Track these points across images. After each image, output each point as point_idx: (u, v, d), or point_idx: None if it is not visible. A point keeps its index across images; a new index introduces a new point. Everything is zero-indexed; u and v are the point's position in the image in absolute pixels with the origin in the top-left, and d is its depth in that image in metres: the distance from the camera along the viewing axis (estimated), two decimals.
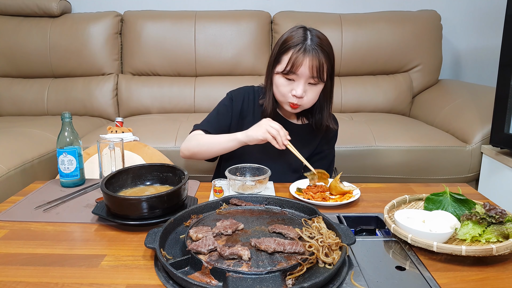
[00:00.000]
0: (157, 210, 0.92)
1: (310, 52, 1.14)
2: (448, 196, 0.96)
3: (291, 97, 1.19)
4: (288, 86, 1.19)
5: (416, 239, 0.81)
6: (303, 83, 1.17)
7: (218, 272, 0.69)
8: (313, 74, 1.15)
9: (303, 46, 1.15)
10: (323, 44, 1.17)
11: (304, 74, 1.16)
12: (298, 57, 1.14)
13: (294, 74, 1.16)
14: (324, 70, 1.17)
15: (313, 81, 1.18)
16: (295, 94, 1.18)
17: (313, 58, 1.14)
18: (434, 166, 1.81)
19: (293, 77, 1.17)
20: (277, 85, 1.22)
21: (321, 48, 1.16)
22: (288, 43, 1.18)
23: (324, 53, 1.16)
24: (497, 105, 1.66)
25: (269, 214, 0.94)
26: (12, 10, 2.38)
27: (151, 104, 2.36)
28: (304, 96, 1.19)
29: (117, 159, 1.16)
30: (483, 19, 2.61)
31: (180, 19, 2.38)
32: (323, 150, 1.36)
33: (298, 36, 1.17)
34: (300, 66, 1.15)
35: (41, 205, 1.05)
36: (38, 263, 0.79)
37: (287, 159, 1.32)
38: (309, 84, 1.18)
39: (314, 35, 1.18)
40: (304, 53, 1.14)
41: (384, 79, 2.41)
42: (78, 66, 2.38)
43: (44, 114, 2.38)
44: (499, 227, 0.82)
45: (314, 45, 1.15)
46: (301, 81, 1.17)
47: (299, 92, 1.17)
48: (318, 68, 1.15)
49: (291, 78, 1.18)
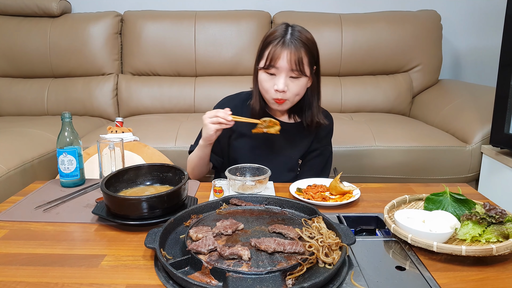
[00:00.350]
0: (157, 210, 0.92)
1: (288, 45, 1.16)
2: (448, 196, 0.96)
3: (274, 92, 1.20)
4: (271, 81, 1.20)
5: (416, 239, 0.81)
6: (284, 77, 1.18)
7: (218, 272, 0.69)
8: (292, 67, 1.16)
9: (281, 39, 1.17)
10: (302, 38, 1.18)
11: (284, 67, 1.17)
12: (277, 50, 1.16)
13: (274, 68, 1.18)
14: (304, 63, 1.18)
15: (294, 74, 1.18)
16: (277, 89, 1.19)
17: (291, 51, 1.15)
18: (434, 166, 1.81)
19: (273, 71, 1.19)
20: (261, 82, 1.23)
21: (300, 41, 1.17)
22: (269, 38, 1.20)
23: (304, 46, 1.17)
24: (497, 105, 1.66)
25: (269, 214, 0.94)
26: (12, 10, 2.38)
27: (151, 104, 2.36)
28: (287, 90, 1.19)
29: (117, 159, 1.16)
30: (483, 19, 2.61)
31: (180, 19, 2.38)
32: (318, 147, 1.35)
33: (279, 31, 1.19)
34: (278, 59, 1.16)
35: (41, 205, 1.05)
36: (38, 263, 0.79)
37: (281, 158, 1.33)
38: (291, 78, 1.19)
39: (296, 30, 1.19)
40: (282, 46, 1.16)
41: (384, 79, 2.41)
42: (78, 66, 2.38)
43: (44, 114, 2.38)
44: (499, 227, 0.82)
45: (293, 38, 1.17)
46: (282, 74, 1.18)
47: (281, 86, 1.18)
48: (297, 61, 1.16)
49: (272, 73, 1.19)
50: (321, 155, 1.37)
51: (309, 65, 1.20)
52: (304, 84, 1.22)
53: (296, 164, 1.35)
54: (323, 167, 1.37)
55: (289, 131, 1.32)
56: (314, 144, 1.35)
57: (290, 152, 1.34)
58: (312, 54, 1.20)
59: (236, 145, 1.35)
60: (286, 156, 1.33)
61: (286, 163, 1.33)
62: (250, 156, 1.30)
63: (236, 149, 1.35)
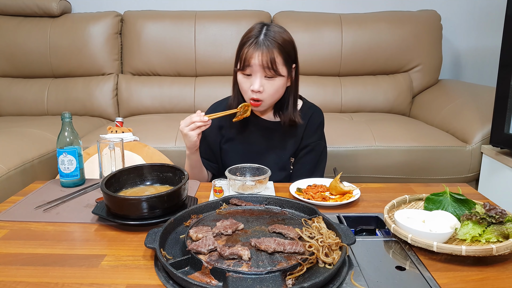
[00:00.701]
0: (157, 210, 0.92)
1: (261, 45, 1.16)
2: (448, 196, 0.96)
3: (251, 93, 1.21)
4: (247, 82, 1.21)
5: (416, 239, 0.81)
6: (259, 77, 1.19)
7: (218, 272, 0.69)
8: (264, 66, 1.16)
9: (255, 40, 1.17)
10: (276, 37, 1.18)
11: (257, 67, 1.17)
12: (249, 51, 1.17)
13: (249, 68, 1.18)
14: (278, 63, 1.17)
15: (268, 75, 1.18)
16: (252, 89, 1.19)
17: (263, 51, 1.16)
18: (434, 166, 1.81)
19: (249, 71, 1.19)
20: (239, 83, 1.24)
21: (274, 41, 1.17)
22: (244, 39, 1.20)
23: (277, 46, 1.17)
24: (497, 105, 1.66)
25: (269, 214, 0.94)
26: (12, 10, 2.38)
27: (151, 104, 2.36)
28: (263, 90, 1.20)
29: (117, 159, 1.16)
30: (483, 19, 2.60)
31: (180, 19, 2.38)
32: (309, 143, 1.34)
33: (254, 31, 1.19)
34: (252, 60, 1.17)
35: (41, 205, 1.05)
36: (38, 263, 0.79)
37: (271, 158, 1.33)
38: (267, 78, 1.19)
39: (270, 30, 1.19)
40: (255, 47, 1.16)
41: (384, 79, 2.41)
42: (78, 66, 2.38)
43: (44, 114, 2.38)
44: (499, 227, 0.82)
45: (267, 39, 1.17)
46: (257, 75, 1.19)
47: (256, 86, 1.19)
48: (270, 61, 1.16)
49: (248, 74, 1.20)
50: (312, 151, 1.35)
51: (285, 64, 1.20)
52: (281, 84, 1.22)
53: (288, 162, 1.35)
54: (316, 163, 1.36)
55: (276, 130, 1.32)
56: (305, 140, 1.34)
57: (280, 151, 1.34)
58: (287, 53, 1.20)
59: (225, 150, 1.36)
60: (276, 155, 1.33)
61: (277, 163, 1.33)
62: (240, 159, 1.30)
63: (226, 154, 1.36)
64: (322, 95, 2.35)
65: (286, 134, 1.33)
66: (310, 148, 1.34)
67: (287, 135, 1.33)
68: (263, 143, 1.34)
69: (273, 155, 1.33)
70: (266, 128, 1.33)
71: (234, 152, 1.35)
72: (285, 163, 1.34)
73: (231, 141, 1.36)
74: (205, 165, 1.38)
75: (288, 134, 1.33)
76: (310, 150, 1.34)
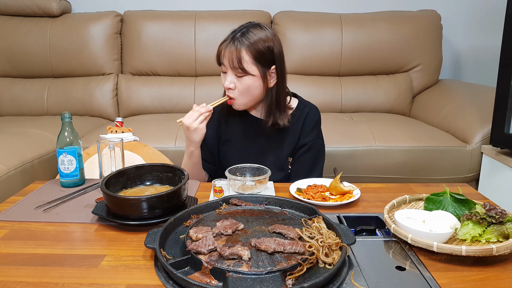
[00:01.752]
0: (157, 210, 0.92)
1: (231, 44, 1.19)
2: (448, 196, 0.95)
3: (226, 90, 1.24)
4: (223, 78, 1.25)
5: (416, 239, 0.81)
6: (229, 74, 1.22)
7: (218, 272, 0.69)
8: (231, 65, 1.19)
9: (229, 39, 1.20)
10: (250, 37, 1.19)
11: (227, 65, 1.20)
12: (221, 49, 1.21)
13: (223, 66, 1.22)
14: (246, 62, 1.18)
15: (237, 73, 1.20)
16: (223, 85, 1.23)
17: (231, 50, 1.18)
18: (434, 166, 1.81)
19: (223, 68, 1.23)
20: (221, 77, 1.27)
21: (245, 40, 1.18)
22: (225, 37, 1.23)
23: (247, 45, 1.18)
24: (497, 105, 1.65)
25: (269, 214, 0.93)
26: (12, 10, 2.38)
27: (151, 104, 2.36)
28: (234, 88, 1.22)
29: (117, 159, 1.16)
30: (483, 19, 2.61)
31: (180, 19, 2.38)
32: (306, 142, 1.34)
33: (235, 30, 1.22)
34: (223, 57, 1.20)
35: (41, 205, 1.05)
36: (38, 263, 0.79)
37: (269, 158, 1.33)
38: (237, 77, 1.21)
39: (249, 29, 1.20)
40: (226, 45, 1.20)
41: (384, 79, 2.41)
42: (78, 66, 2.38)
43: (44, 114, 2.38)
44: (499, 227, 0.82)
45: (239, 37, 1.19)
46: (228, 72, 1.22)
47: (226, 83, 1.22)
48: (237, 59, 1.18)
49: (224, 71, 1.24)
50: (310, 150, 1.34)
51: (255, 64, 1.20)
52: (251, 83, 1.22)
53: (286, 162, 1.35)
54: (313, 162, 1.35)
55: (269, 129, 1.32)
56: (302, 139, 1.34)
57: (277, 151, 1.34)
58: (258, 53, 1.19)
59: (223, 151, 1.37)
60: (274, 155, 1.34)
61: (275, 163, 1.33)
62: (238, 160, 1.30)
63: (224, 155, 1.37)
64: (322, 95, 2.35)
65: (282, 135, 1.33)
66: (308, 147, 1.34)
67: (283, 135, 1.33)
68: (261, 144, 1.34)
69: (271, 155, 1.33)
70: (260, 129, 1.33)
71: (232, 153, 1.36)
72: (283, 163, 1.34)
73: (229, 142, 1.36)
74: (203, 166, 1.38)
75: (285, 134, 1.33)
76: (307, 149, 1.34)
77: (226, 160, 1.35)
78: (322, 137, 1.39)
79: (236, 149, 1.35)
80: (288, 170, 1.35)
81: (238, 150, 1.35)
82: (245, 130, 1.35)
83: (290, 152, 1.34)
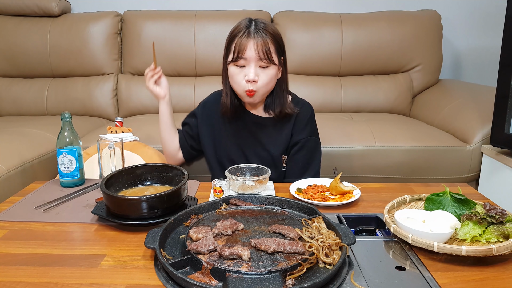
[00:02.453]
0: (157, 210, 0.92)
1: (254, 35, 1.18)
2: (448, 196, 0.95)
3: (245, 84, 1.21)
4: (241, 73, 1.22)
5: (416, 239, 0.81)
6: (253, 67, 1.20)
7: (218, 272, 0.69)
8: (260, 55, 1.18)
9: (247, 31, 1.19)
10: (267, 28, 1.20)
11: (252, 56, 1.18)
12: (243, 41, 1.18)
13: (242, 59, 1.19)
14: (272, 52, 1.20)
15: (263, 64, 1.20)
16: (248, 79, 1.20)
17: (257, 40, 1.17)
18: (434, 166, 1.81)
19: (242, 62, 1.20)
20: (231, 76, 1.24)
21: (266, 31, 1.19)
22: (234, 32, 1.22)
23: (269, 35, 1.19)
24: (497, 105, 1.65)
25: (269, 214, 0.93)
26: (12, 10, 2.37)
27: (151, 104, 2.35)
28: (258, 80, 1.20)
29: (117, 159, 1.16)
30: (483, 19, 2.60)
31: (180, 19, 2.38)
32: (299, 140, 1.33)
33: (243, 24, 1.21)
34: (246, 49, 1.18)
35: (41, 205, 1.05)
36: (38, 263, 0.79)
37: (263, 154, 1.33)
38: (261, 68, 1.21)
39: (260, 22, 1.21)
40: (248, 37, 1.18)
41: (384, 79, 2.41)
42: (78, 66, 2.38)
43: (44, 114, 2.37)
44: (499, 227, 0.82)
45: (258, 28, 1.19)
46: (251, 64, 1.19)
47: (252, 76, 1.19)
48: (264, 49, 1.17)
49: (241, 65, 1.21)
50: (304, 148, 1.33)
51: (277, 54, 1.22)
52: (274, 74, 1.23)
53: (279, 160, 1.34)
54: (308, 160, 1.34)
55: (266, 125, 1.33)
56: (295, 137, 1.33)
57: (270, 148, 1.33)
58: (278, 44, 1.22)
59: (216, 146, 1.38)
60: (266, 152, 1.34)
61: (267, 159, 1.33)
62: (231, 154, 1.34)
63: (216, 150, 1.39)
64: (322, 95, 2.35)
65: (275, 130, 1.33)
66: (301, 145, 1.33)
67: (276, 131, 1.33)
68: (253, 139, 1.34)
69: (262, 151, 1.34)
70: (256, 124, 1.33)
71: (225, 148, 1.37)
72: (276, 161, 1.34)
73: (222, 138, 1.37)
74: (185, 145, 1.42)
75: (278, 130, 1.33)
76: (301, 147, 1.33)
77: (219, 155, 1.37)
78: (317, 134, 1.38)
79: (230, 144, 1.36)
80: (282, 168, 1.35)
81: (232, 143, 1.36)
82: (238, 125, 1.35)
83: (283, 149, 1.34)
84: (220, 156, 1.38)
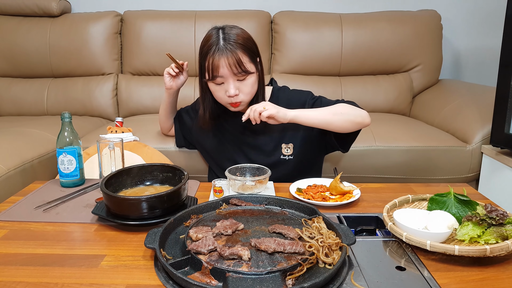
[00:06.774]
0: (157, 210, 0.92)
1: (223, 50, 1.16)
2: (452, 197, 0.95)
3: (228, 98, 1.22)
4: (221, 90, 1.22)
5: (411, 237, 0.81)
6: (231, 82, 1.19)
7: (218, 272, 0.69)
8: (233, 71, 1.17)
9: (216, 47, 1.17)
10: (237, 37, 1.18)
11: (227, 74, 1.17)
12: (215, 60, 1.16)
13: (219, 77, 1.18)
14: (245, 62, 1.18)
15: (240, 77, 1.19)
16: (229, 95, 1.20)
17: (228, 55, 1.15)
18: (434, 166, 1.81)
19: (220, 80, 1.20)
20: (213, 92, 1.25)
21: (235, 42, 1.17)
22: (204, 49, 1.20)
23: (239, 46, 1.17)
24: (497, 105, 1.65)
25: (269, 214, 0.93)
26: (12, 10, 2.37)
27: (151, 104, 2.35)
28: (239, 93, 1.21)
29: (117, 159, 1.16)
30: (483, 19, 2.60)
31: (180, 19, 2.37)
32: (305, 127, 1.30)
33: (212, 39, 1.19)
34: (219, 68, 1.17)
35: (41, 205, 1.05)
36: (38, 263, 0.79)
37: (262, 153, 1.33)
38: (239, 81, 1.20)
39: (227, 33, 1.19)
40: (219, 54, 1.16)
41: (384, 79, 2.41)
42: (78, 66, 2.38)
43: (44, 114, 2.37)
44: (499, 229, 0.82)
45: (226, 43, 1.17)
46: (229, 80, 1.19)
47: (232, 91, 1.19)
48: (237, 64, 1.16)
49: (220, 82, 1.20)
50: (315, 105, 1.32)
51: (252, 61, 1.21)
52: (254, 80, 1.23)
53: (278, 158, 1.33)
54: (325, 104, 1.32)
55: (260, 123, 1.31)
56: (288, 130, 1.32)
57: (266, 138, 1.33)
58: (250, 50, 1.21)
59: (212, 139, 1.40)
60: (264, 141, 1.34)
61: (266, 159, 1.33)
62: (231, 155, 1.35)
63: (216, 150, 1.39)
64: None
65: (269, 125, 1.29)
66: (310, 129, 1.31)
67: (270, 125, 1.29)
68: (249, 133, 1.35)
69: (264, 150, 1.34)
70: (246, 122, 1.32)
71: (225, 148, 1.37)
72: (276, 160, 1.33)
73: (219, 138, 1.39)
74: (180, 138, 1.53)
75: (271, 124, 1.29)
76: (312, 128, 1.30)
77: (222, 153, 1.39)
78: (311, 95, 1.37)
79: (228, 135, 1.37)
80: (281, 156, 1.33)
81: (233, 145, 1.36)
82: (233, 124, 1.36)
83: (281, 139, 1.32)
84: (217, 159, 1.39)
